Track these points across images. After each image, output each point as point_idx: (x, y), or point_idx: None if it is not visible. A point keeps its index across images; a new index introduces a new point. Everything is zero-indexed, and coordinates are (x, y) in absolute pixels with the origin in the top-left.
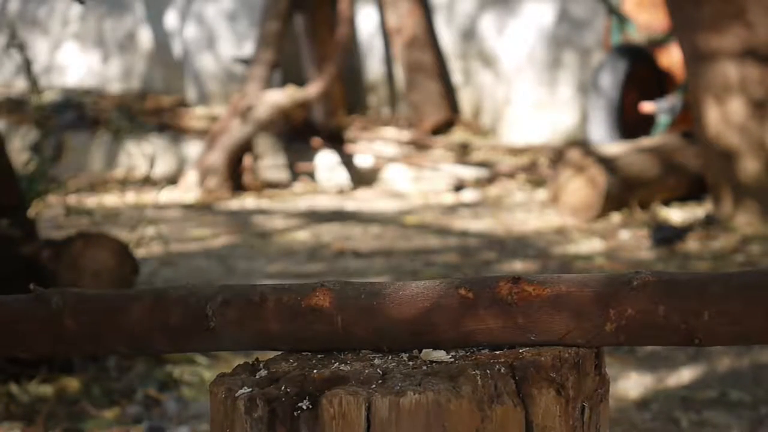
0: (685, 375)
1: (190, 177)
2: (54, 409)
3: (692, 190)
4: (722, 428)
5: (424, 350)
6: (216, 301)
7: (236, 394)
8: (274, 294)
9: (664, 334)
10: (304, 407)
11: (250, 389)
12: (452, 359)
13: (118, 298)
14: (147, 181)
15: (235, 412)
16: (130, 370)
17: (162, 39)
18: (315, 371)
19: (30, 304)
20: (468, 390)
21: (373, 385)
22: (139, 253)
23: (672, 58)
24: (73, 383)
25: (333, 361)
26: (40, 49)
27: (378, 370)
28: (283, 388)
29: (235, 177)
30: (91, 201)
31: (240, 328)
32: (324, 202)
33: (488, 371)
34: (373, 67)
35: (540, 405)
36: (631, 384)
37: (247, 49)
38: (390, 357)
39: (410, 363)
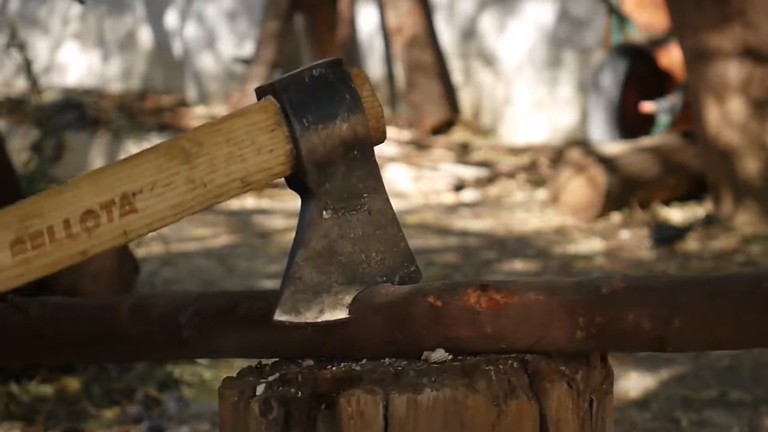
0: (685, 375)
1: None
2: (54, 408)
3: (692, 190)
4: (722, 428)
5: (424, 352)
6: (188, 311)
7: (255, 395)
8: (246, 302)
9: (634, 342)
10: (323, 407)
11: (266, 391)
12: (452, 358)
13: (95, 308)
14: None
15: (249, 415)
16: (131, 370)
17: (162, 39)
18: (327, 372)
19: (7, 314)
20: (483, 385)
21: (389, 384)
22: (139, 253)
23: (672, 57)
24: (73, 383)
25: (342, 361)
26: (40, 48)
27: (390, 369)
28: (296, 389)
29: None
30: None
31: (212, 337)
32: None
33: (501, 367)
34: (374, 67)
35: (553, 398)
36: (631, 384)
37: (248, 48)
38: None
39: (420, 362)
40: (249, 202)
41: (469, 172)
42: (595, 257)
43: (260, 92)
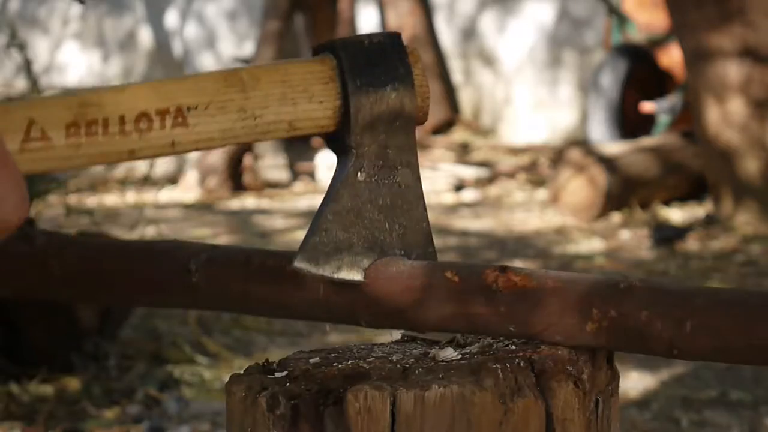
0: (685, 375)
1: (191, 177)
2: (54, 408)
3: (692, 190)
4: (722, 428)
5: (433, 349)
6: (200, 257)
7: (263, 390)
8: (259, 257)
9: (643, 341)
10: (331, 403)
11: (273, 387)
12: (460, 357)
13: (104, 246)
14: (147, 181)
15: (257, 411)
16: (131, 370)
17: (162, 38)
18: (334, 368)
19: (14, 242)
20: (490, 383)
21: (397, 380)
22: None
23: (672, 57)
24: (73, 383)
25: (350, 358)
26: (40, 48)
27: (398, 365)
28: (304, 385)
29: (236, 177)
30: (91, 201)
31: (222, 286)
32: None
33: (508, 365)
34: None
35: (560, 397)
36: (631, 384)
37: (248, 48)
38: (405, 354)
39: (428, 359)
40: (249, 202)
41: (469, 172)
42: (595, 257)
43: (319, 48)
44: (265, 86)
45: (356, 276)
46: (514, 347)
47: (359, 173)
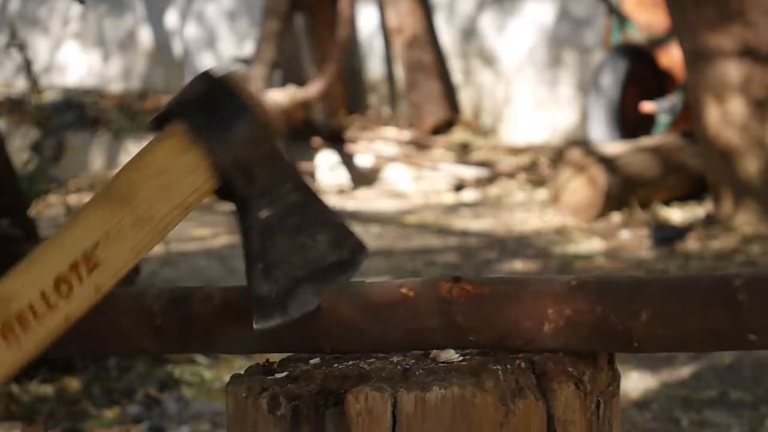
0: (685, 375)
1: None
2: (54, 408)
3: (692, 190)
4: (722, 428)
5: (434, 350)
6: (162, 300)
7: (263, 391)
8: (219, 293)
9: (602, 336)
10: (332, 404)
11: (274, 388)
12: (461, 358)
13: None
14: None
15: (258, 412)
16: (131, 370)
17: (162, 38)
18: (335, 369)
19: None
20: (491, 385)
21: (397, 382)
22: None
23: (672, 57)
24: (73, 383)
25: (350, 359)
26: (40, 48)
27: (399, 367)
28: (305, 386)
29: None
30: None
31: (186, 327)
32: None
33: (509, 366)
34: (374, 67)
35: (561, 399)
36: (631, 384)
37: (248, 48)
38: (406, 355)
39: (428, 360)
40: None
41: (469, 172)
42: (595, 257)
43: (157, 122)
44: (140, 188)
45: (313, 305)
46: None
47: (260, 213)
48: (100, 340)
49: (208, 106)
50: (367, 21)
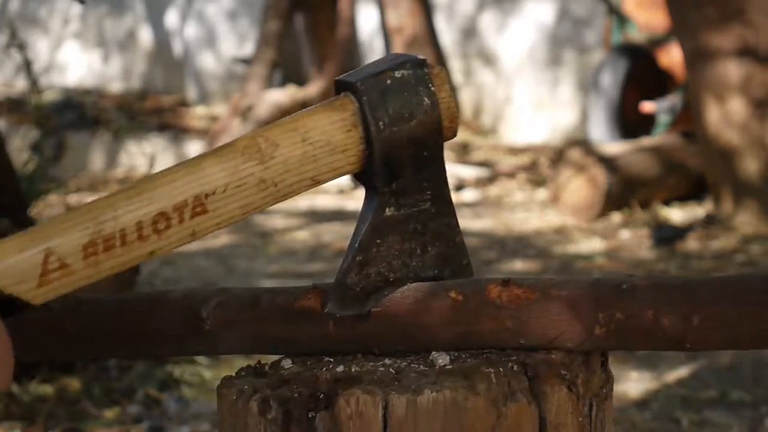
0: (685, 375)
1: None
2: (54, 408)
3: (693, 190)
4: (722, 428)
5: (432, 353)
6: (210, 304)
7: (254, 394)
8: (267, 295)
9: (653, 339)
10: (322, 407)
11: (265, 391)
12: (453, 361)
13: (117, 303)
14: None
15: (248, 414)
16: (131, 370)
17: (162, 38)
18: (326, 372)
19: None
20: (483, 388)
21: (389, 385)
22: None
23: (672, 57)
24: (73, 383)
25: (341, 362)
26: (40, 48)
27: (390, 369)
28: (295, 389)
29: None
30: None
31: (234, 330)
32: (324, 202)
33: (501, 369)
34: None
35: (553, 402)
36: (631, 384)
37: (248, 48)
38: (399, 358)
39: (421, 362)
40: None
41: (469, 172)
42: (596, 257)
43: (340, 86)
44: (284, 151)
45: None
46: (508, 351)
47: (387, 210)
48: (150, 342)
49: (394, 93)
50: (367, 21)
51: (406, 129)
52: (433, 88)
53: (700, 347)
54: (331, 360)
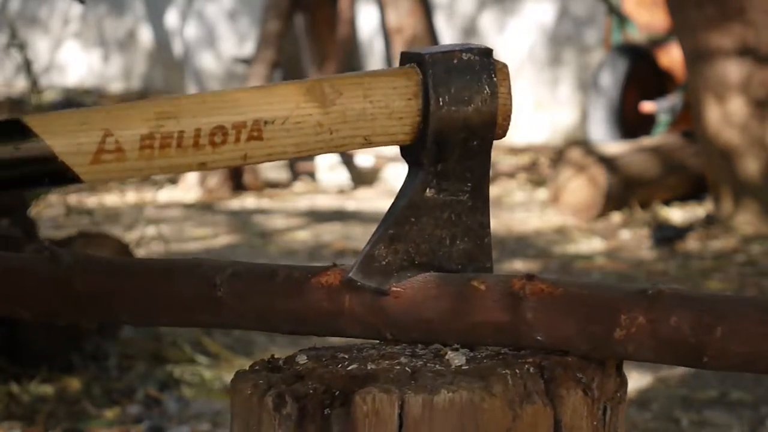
0: (685, 375)
1: (191, 176)
2: (54, 408)
3: (693, 190)
4: (723, 428)
5: (448, 353)
6: (225, 272)
7: (269, 389)
8: (284, 270)
9: (673, 347)
10: (338, 404)
11: (280, 386)
12: (469, 362)
13: (128, 264)
14: (147, 181)
15: (263, 410)
16: (131, 370)
17: (162, 38)
18: (341, 369)
19: (39, 260)
20: (499, 389)
21: (405, 384)
22: (140, 252)
23: (672, 57)
24: (73, 383)
25: (356, 359)
26: (40, 48)
27: (406, 368)
28: (311, 385)
29: (236, 176)
30: (91, 201)
31: (247, 301)
32: (324, 202)
33: (518, 371)
34: (374, 67)
35: (568, 405)
36: (631, 384)
37: (248, 48)
38: (414, 357)
39: (437, 362)
40: (249, 201)
41: None
42: (596, 257)
43: (407, 57)
44: (345, 101)
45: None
46: (523, 353)
47: (427, 190)
48: (159, 306)
49: (459, 74)
50: (367, 21)
51: (462, 112)
52: (495, 79)
53: (718, 363)
54: (346, 357)
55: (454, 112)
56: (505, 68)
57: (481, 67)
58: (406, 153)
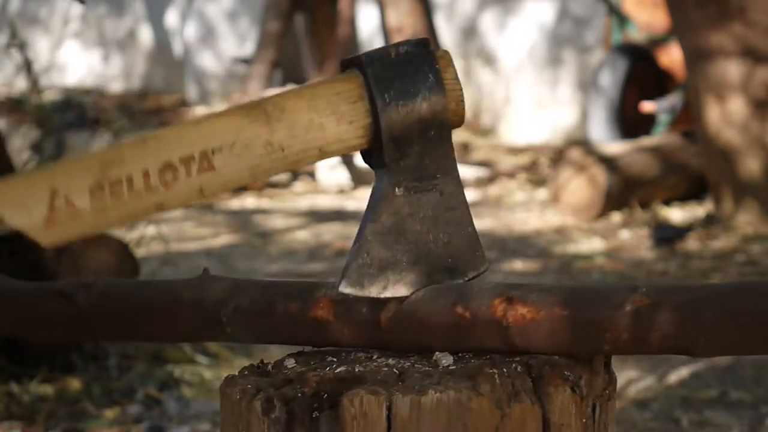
0: (685, 375)
1: None
2: (54, 408)
3: (693, 190)
4: (722, 428)
5: (436, 354)
6: (228, 307)
7: (257, 393)
8: (281, 302)
9: (658, 353)
10: (326, 407)
11: (268, 390)
12: (457, 362)
13: (133, 288)
14: None
15: (252, 414)
16: (131, 370)
17: (162, 38)
18: (330, 371)
19: (53, 298)
20: (487, 388)
21: (393, 385)
22: (140, 252)
23: (672, 57)
24: (73, 383)
25: (344, 362)
26: (40, 48)
27: (394, 369)
28: (299, 388)
29: None
30: None
31: (250, 333)
32: (324, 202)
33: (505, 370)
34: None
35: (557, 403)
36: (631, 384)
37: (248, 48)
38: (402, 358)
39: (425, 363)
40: (249, 202)
41: (469, 172)
42: (596, 257)
43: (345, 64)
44: (290, 115)
45: (402, 292)
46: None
47: (397, 189)
48: (165, 331)
49: (398, 68)
50: (367, 21)
51: (411, 104)
52: (437, 66)
53: (704, 356)
54: (335, 360)
55: (402, 107)
56: (446, 55)
57: (420, 58)
58: (368, 158)
